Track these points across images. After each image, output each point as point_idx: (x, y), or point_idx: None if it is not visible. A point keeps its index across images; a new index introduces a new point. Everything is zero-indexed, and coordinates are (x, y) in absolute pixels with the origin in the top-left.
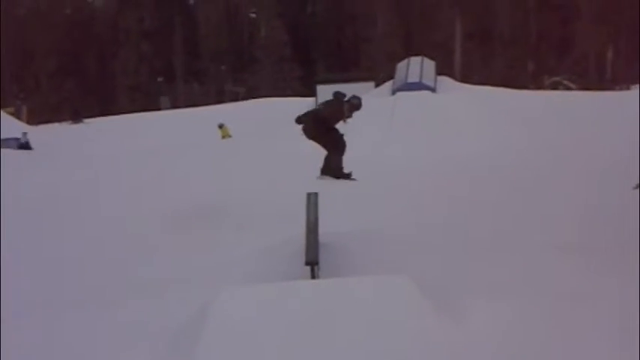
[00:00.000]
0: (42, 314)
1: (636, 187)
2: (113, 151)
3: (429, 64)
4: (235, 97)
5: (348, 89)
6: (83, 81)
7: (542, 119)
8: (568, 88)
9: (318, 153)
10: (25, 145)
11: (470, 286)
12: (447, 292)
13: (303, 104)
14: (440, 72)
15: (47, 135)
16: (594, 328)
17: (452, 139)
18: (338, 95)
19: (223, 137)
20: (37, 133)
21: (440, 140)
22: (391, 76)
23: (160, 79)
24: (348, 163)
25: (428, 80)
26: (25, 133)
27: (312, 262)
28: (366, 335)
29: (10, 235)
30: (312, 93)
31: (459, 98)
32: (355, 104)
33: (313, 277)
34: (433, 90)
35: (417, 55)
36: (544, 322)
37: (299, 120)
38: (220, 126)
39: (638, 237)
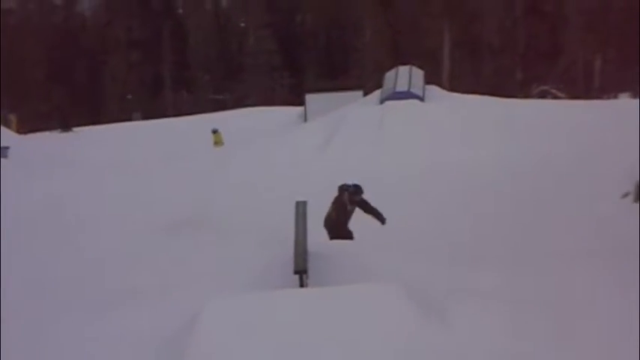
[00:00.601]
0: (34, 318)
1: (624, 196)
2: (103, 160)
3: (418, 73)
4: (223, 106)
5: (337, 98)
6: (73, 90)
7: (529, 127)
8: (556, 97)
9: (306, 161)
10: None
11: (454, 291)
12: (434, 298)
13: (293, 113)
14: (428, 81)
15: (35, 144)
16: (592, 331)
17: (440, 147)
18: (340, 190)
19: (216, 144)
20: (26, 142)
21: (429, 149)
22: (379, 85)
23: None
24: (337, 173)
25: (416, 89)
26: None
27: (301, 271)
28: (353, 342)
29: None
30: (301, 102)
31: (447, 107)
32: (354, 192)
33: (302, 285)
34: (422, 99)
35: (405, 64)
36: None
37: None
38: (214, 131)
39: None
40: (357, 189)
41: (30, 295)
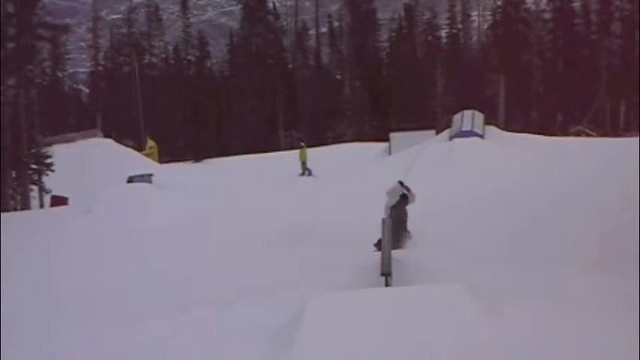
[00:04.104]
0: (173, 312)
1: None
2: (228, 184)
3: (479, 116)
4: (325, 142)
5: (415, 136)
6: (204, 129)
7: (569, 159)
8: (589, 135)
9: (390, 185)
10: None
11: (513, 292)
12: (494, 297)
13: (380, 148)
14: (488, 122)
15: (173, 171)
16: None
17: (498, 175)
18: (400, 195)
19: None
20: (166, 170)
21: (488, 176)
22: (448, 125)
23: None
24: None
25: (478, 129)
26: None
27: (386, 274)
28: (428, 332)
29: (147, 248)
30: (386, 139)
31: (503, 143)
32: (408, 196)
33: (387, 285)
34: (482, 137)
35: (469, 108)
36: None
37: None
38: (302, 146)
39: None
40: (412, 196)
41: (168, 286)
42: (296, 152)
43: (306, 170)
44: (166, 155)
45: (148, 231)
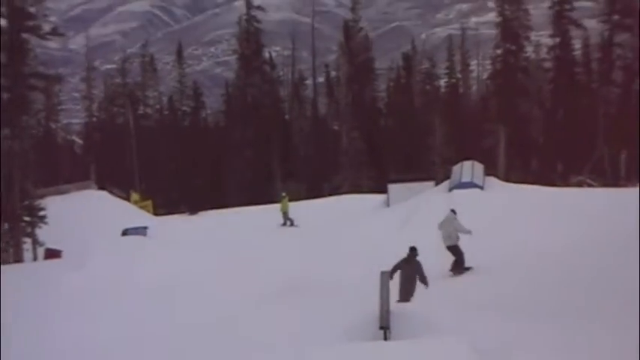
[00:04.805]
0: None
1: None
2: (223, 237)
3: (479, 167)
4: (322, 193)
5: (413, 187)
6: (199, 180)
7: (569, 210)
8: (590, 185)
9: (388, 237)
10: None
11: (510, 343)
12: (497, 351)
13: (378, 199)
14: (487, 173)
15: (168, 224)
16: None
17: (497, 226)
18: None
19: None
20: (161, 223)
21: (488, 227)
22: (448, 177)
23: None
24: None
25: (478, 180)
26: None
27: (385, 327)
28: None
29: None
30: (384, 190)
31: (503, 194)
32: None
33: (385, 338)
34: (482, 188)
35: (468, 159)
36: None
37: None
38: (284, 196)
39: None
40: (414, 250)
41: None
42: (294, 205)
43: (287, 220)
44: (161, 207)
45: (142, 288)
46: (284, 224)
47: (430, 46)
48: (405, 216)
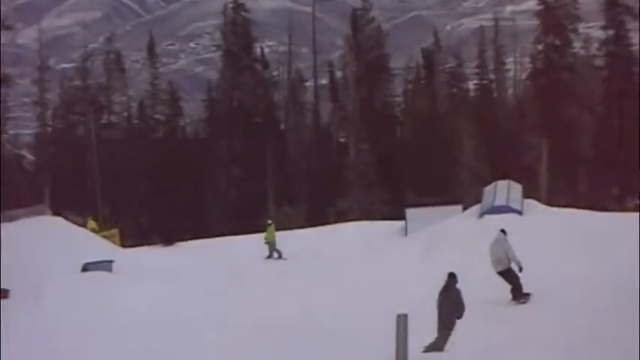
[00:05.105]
0: None
1: None
2: (203, 273)
3: (516, 188)
4: (325, 220)
5: (437, 212)
6: (176, 204)
7: (626, 241)
8: None
9: (406, 274)
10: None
11: None
12: None
13: (393, 227)
14: (526, 195)
15: (137, 257)
16: None
17: (538, 260)
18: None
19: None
20: (129, 255)
21: (527, 262)
22: (479, 200)
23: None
24: (437, 286)
25: (515, 203)
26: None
27: None
28: None
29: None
30: (401, 216)
31: (545, 221)
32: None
33: None
34: (520, 213)
35: (503, 178)
36: None
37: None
38: (269, 224)
39: None
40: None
41: None
42: (290, 234)
43: (274, 252)
44: (130, 237)
45: (106, 334)
46: (269, 257)
47: (457, 41)
48: (426, 248)
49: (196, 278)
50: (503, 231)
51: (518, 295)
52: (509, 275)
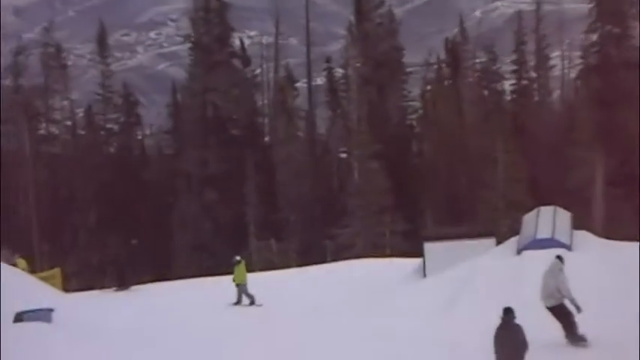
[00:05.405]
0: None
1: None
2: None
3: (564, 216)
4: (322, 257)
5: (463, 247)
6: (132, 237)
7: None
8: None
9: (424, 331)
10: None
11: None
12: None
13: (408, 266)
14: (577, 225)
15: (84, 305)
16: None
17: (594, 310)
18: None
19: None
20: (73, 302)
21: (586, 314)
22: (516, 231)
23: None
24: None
25: (562, 236)
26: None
27: None
28: None
29: None
30: (418, 252)
31: (601, 258)
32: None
33: None
34: (569, 248)
35: (547, 204)
36: None
37: None
38: (238, 262)
39: None
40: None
41: None
42: (274, 275)
43: (245, 296)
44: (75, 278)
45: None
46: (238, 302)
47: (488, 29)
48: (450, 295)
49: (139, 338)
50: (559, 257)
51: (572, 333)
52: (560, 312)
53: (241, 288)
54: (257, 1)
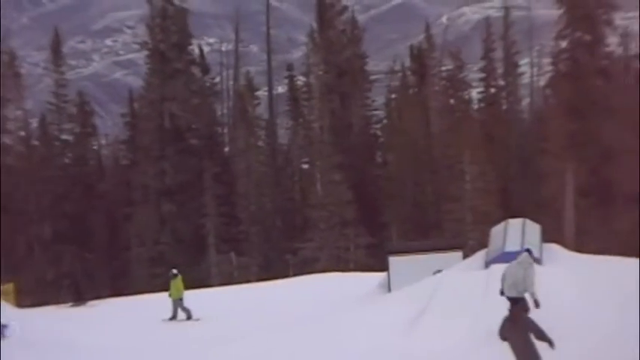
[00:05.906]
0: None
1: None
2: (122, 345)
3: (533, 229)
4: (284, 272)
5: (429, 261)
6: (88, 251)
7: None
8: None
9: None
10: None
11: None
12: None
13: (372, 281)
14: (547, 238)
15: (38, 320)
16: None
17: (566, 324)
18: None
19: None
20: (27, 318)
21: (552, 327)
22: (484, 245)
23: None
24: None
25: (531, 249)
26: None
27: None
28: None
29: None
30: (383, 266)
31: (571, 272)
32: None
33: None
34: (539, 262)
35: (517, 216)
36: None
37: None
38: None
39: None
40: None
41: None
42: (237, 289)
43: (180, 310)
44: (29, 294)
45: None
46: (173, 318)
47: (455, 36)
48: (416, 309)
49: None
50: (529, 251)
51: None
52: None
53: (177, 303)
54: (216, 7)
